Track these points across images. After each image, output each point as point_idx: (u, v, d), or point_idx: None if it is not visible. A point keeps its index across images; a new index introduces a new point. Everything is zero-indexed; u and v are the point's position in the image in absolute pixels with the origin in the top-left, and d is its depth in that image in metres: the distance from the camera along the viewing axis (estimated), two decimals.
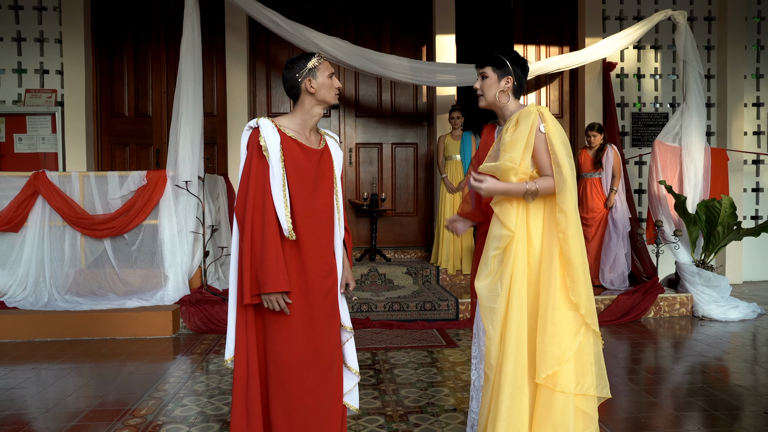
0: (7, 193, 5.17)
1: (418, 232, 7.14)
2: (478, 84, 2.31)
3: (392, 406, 3.16)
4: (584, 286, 2.11)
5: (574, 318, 2.12)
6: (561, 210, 2.13)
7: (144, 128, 6.92)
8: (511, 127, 2.19)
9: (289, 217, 2.11)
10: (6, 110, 6.46)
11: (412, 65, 6.00)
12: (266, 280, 2.05)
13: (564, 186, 2.12)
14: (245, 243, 2.10)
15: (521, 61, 2.30)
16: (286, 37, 5.60)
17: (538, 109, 2.18)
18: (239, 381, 2.15)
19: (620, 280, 5.80)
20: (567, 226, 2.11)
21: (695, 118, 5.88)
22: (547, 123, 2.15)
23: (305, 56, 2.24)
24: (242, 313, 2.17)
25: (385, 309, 5.19)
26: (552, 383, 2.09)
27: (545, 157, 2.15)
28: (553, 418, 2.08)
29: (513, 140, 2.16)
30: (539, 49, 7.21)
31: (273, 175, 2.12)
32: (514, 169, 2.14)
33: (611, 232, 5.80)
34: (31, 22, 6.53)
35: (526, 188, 2.13)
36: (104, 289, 5.13)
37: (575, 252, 2.11)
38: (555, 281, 2.11)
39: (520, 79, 2.28)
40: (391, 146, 7.11)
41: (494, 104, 2.29)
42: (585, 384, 2.11)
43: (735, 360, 4.09)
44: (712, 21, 7.15)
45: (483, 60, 2.30)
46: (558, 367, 2.07)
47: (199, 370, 3.87)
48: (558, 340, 2.09)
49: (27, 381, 3.67)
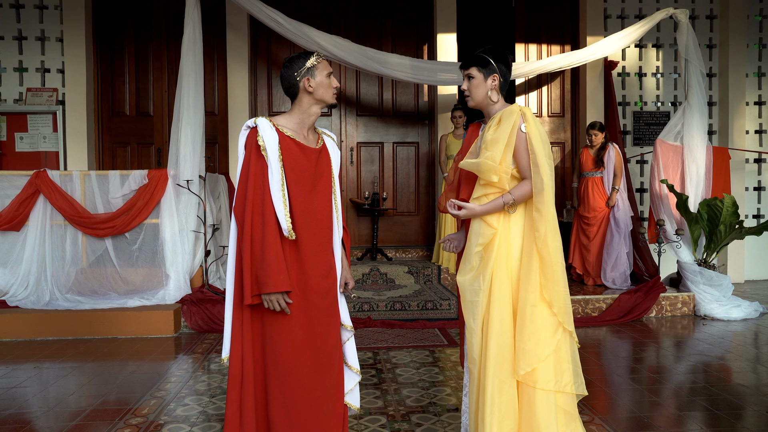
0: (8, 192, 5.17)
1: (419, 232, 7.14)
2: (465, 85, 2.33)
3: (394, 406, 3.15)
4: (560, 285, 2.14)
5: (552, 316, 2.15)
6: (537, 209, 2.16)
7: (145, 127, 6.91)
8: (494, 125, 2.21)
9: (288, 217, 2.11)
10: (7, 109, 6.46)
11: (414, 64, 5.99)
12: (267, 280, 2.04)
13: (542, 186, 2.15)
14: (245, 243, 2.09)
15: (504, 57, 2.31)
16: (288, 35, 5.59)
17: (521, 108, 2.21)
18: (233, 381, 2.14)
19: (622, 279, 5.79)
20: (541, 224, 2.15)
21: (697, 117, 5.86)
22: (528, 123, 2.18)
23: (303, 55, 2.24)
24: (238, 313, 2.17)
25: (387, 308, 5.19)
26: (532, 380, 2.12)
27: (525, 157, 2.18)
28: (536, 415, 2.10)
29: (494, 139, 2.18)
30: (540, 47, 7.20)
31: (272, 175, 2.11)
32: (494, 168, 2.16)
33: (613, 231, 5.80)
34: (32, 20, 6.53)
35: (503, 202, 2.18)
36: (106, 288, 5.13)
37: (550, 251, 2.14)
38: (533, 279, 2.15)
39: (505, 75, 2.30)
40: (392, 145, 7.10)
41: (482, 103, 2.31)
42: (563, 381, 2.14)
43: (737, 359, 4.08)
44: (713, 19, 7.13)
45: (467, 61, 2.32)
46: (537, 364, 2.11)
47: (201, 369, 3.86)
48: (536, 338, 2.12)
49: (28, 380, 3.67)
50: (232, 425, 2.13)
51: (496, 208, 2.19)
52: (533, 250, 2.16)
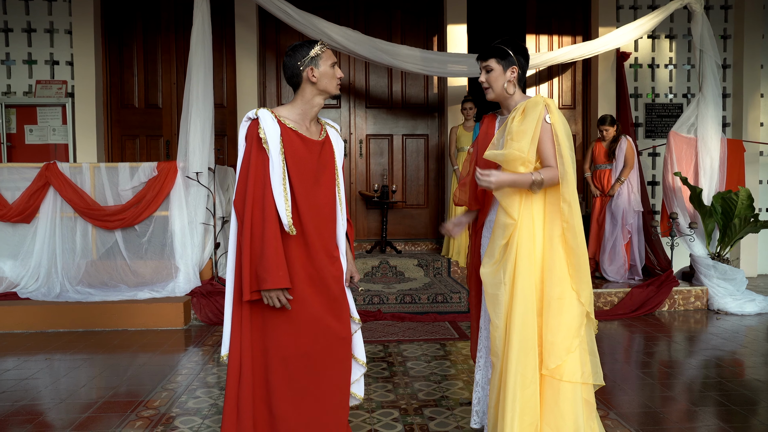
0: (19, 185, 5.18)
1: (428, 224, 7.10)
2: (483, 77, 2.31)
3: (406, 399, 3.14)
4: (586, 275, 2.16)
5: (579, 308, 2.15)
6: (565, 200, 2.16)
7: (154, 119, 6.91)
8: (518, 116, 2.19)
9: (289, 212, 2.07)
10: (17, 101, 6.47)
11: (424, 55, 5.94)
12: (266, 277, 2.01)
13: (566, 177, 2.15)
14: (245, 238, 2.06)
15: (523, 49, 2.30)
16: (297, 27, 5.55)
17: (545, 100, 2.20)
18: (232, 377, 2.13)
19: (620, 273, 5.69)
20: (571, 216, 2.15)
21: (711, 109, 5.78)
22: (552, 114, 2.17)
23: (308, 43, 2.18)
24: (237, 309, 2.14)
25: (397, 301, 5.17)
26: (559, 374, 2.11)
27: (550, 148, 2.17)
28: (561, 408, 2.10)
29: (522, 130, 2.16)
30: (552, 38, 7.12)
31: (273, 169, 2.07)
32: (522, 159, 2.15)
33: (608, 222, 5.72)
34: (41, 13, 6.52)
35: (533, 179, 2.15)
36: (116, 281, 5.14)
37: (579, 241, 2.15)
38: (558, 271, 2.15)
39: (524, 67, 2.29)
40: (401, 137, 7.06)
41: (502, 95, 2.30)
42: (586, 373, 2.15)
43: (752, 354, 4.04)
44: (728, 10, 7.03)
45: (486, 52, 2.29)
46: (566, 356, 2.10)
47: (211, 361, 3.86)
48: (565, 330, 2.12)
49: (40, 372, 3.68)
50: (229, 421, 2.12)
51: (525, 182, 2.15)
52: (554, 242, 2.16)
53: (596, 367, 2.19)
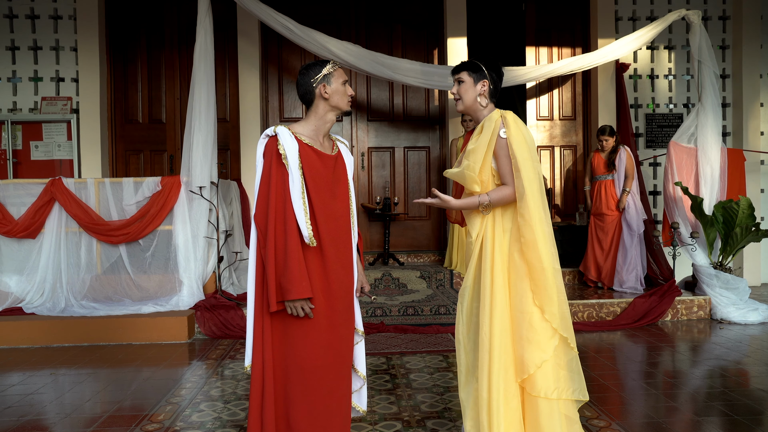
0: (24, 200, 5.23)
1: (431, 236, 7.13)
2: (455, 88, 2.36)
3: (409, 411, 3.14)
4: (551, 291, 2.15)
5: (543, 323, 2.17)
6: (521, 215, 2.18)
7: (158, 134, 6.97)
8: (477, 133, 2.25)
9: (309, 224, 2.14)
10: (23, 118, 6.54)
11: (424, 69, 5.99)
12: (290, 287, 2.07)
13: (523, 191, 2.16)
14: (268, 251, 2.12)
15: (496, 66, 2.36)
16: (298, 42, 5.61)
17: (502, 113, 2.24)
18: (255, 388, 2.17)
19: (636, 281, 5.71)
20: (526, 230, 2.15)
21: (711, 119, 5.81)
22: (509, 128, 2.19)
23: (320, 63, 2.28)
24: (259, 321, 2.19)
25: (399, 313, 5.18)
26: (530, 387, 2.15)
27: (505, 164, 2.20)
28: (541, 424, 2.13)
29: (474, 148, 2.22)
30: (551, 50, 7.18)
31: (293, 183, 2.14)
32: (473, 177, 2.20)
33: (625, 233, 5.74)
34: (47, 30, 6.62)
35: (479, 201, 2.20)
36: (120, 295, 5.17)
37: (540, 256, 2.14)
38: (523, 285, 2.17)
39: (496, 83, 2.34)
40: (403, 150, 7.11)
41: (471, 107, 2.34)
42: (560, 388, 2.16)
43: (756, 363, 4.03)
44: (726, 20, 7.08)
45: (458, 66, 2.37)
46: (534, 370, 2.13)
47: (215, 375, 3.88)
48: (534, 345, 2.14)
49: (45, 386, 3.70)
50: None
51: (471, 205, 2.22)
52: (515, 257, 2.19)
53: (576, 382, 2.19)
